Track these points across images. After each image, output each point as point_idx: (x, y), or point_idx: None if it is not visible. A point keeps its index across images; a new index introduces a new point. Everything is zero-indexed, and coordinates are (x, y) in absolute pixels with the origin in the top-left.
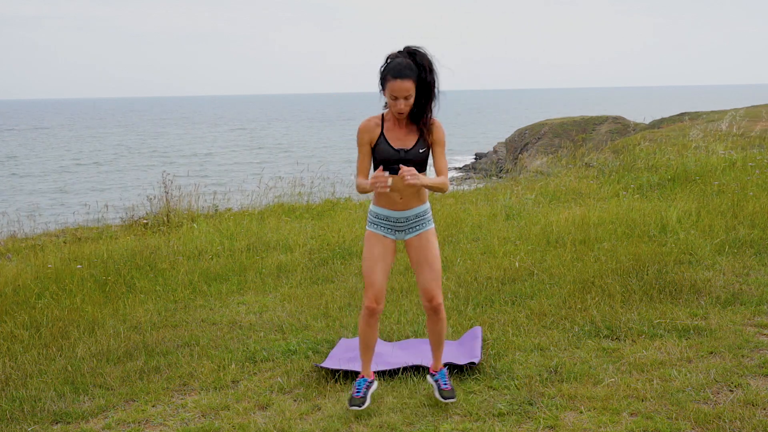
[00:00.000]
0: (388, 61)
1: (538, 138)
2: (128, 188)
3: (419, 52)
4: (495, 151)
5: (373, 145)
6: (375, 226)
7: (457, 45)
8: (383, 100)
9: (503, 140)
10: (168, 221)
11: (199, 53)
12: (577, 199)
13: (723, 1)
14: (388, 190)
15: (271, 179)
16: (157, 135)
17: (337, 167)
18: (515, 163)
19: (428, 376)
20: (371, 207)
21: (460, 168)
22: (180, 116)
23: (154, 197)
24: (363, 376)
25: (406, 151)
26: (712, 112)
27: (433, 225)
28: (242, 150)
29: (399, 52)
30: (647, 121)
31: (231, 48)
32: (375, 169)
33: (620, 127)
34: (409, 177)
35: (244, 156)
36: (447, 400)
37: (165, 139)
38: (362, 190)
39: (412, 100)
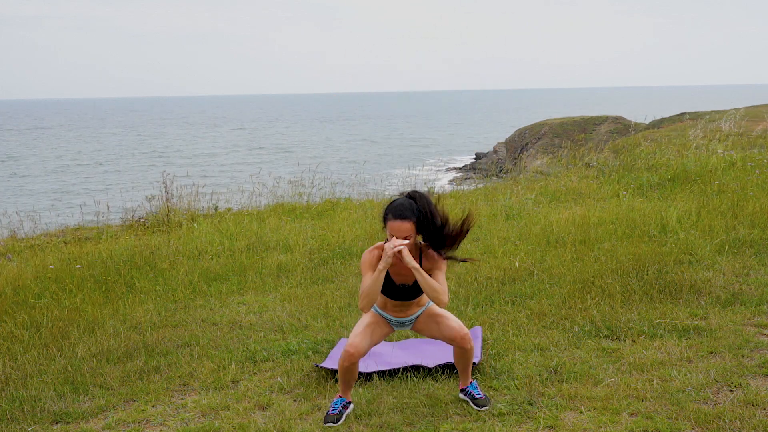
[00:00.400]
0: (392, 201)
1: (538, 138)
2: (128, 188)
3: (421, 197)
4: (495, 151)
5: None
6: (377, 312)
7: (457, 45)
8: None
9: (503, 140)
10: (168, 221)
11: (199, 53)
12: (577, 199)
13: (723, 1)
14: (401, 247)
15: (271, 179)
16: (157, 135)
17: (337, 167)
18: (515, 163)
19: (460, 394)
20: (375, 306)
21: (460, 168)
22: (180, 116)
23: (154, 197)
24: (341, 396)
25: (408, 287)
26: (712, 112)
27: (431, 303)
28: (242, 150)
29: (406, 194)
30: (647, 121)
31: (231, 48)
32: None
33: (620, 127)
34: (400, 249)
35: (244, 156)
36: (482, 408)
37: (165, 139)
38: (368, 291)
39: (412, 240)
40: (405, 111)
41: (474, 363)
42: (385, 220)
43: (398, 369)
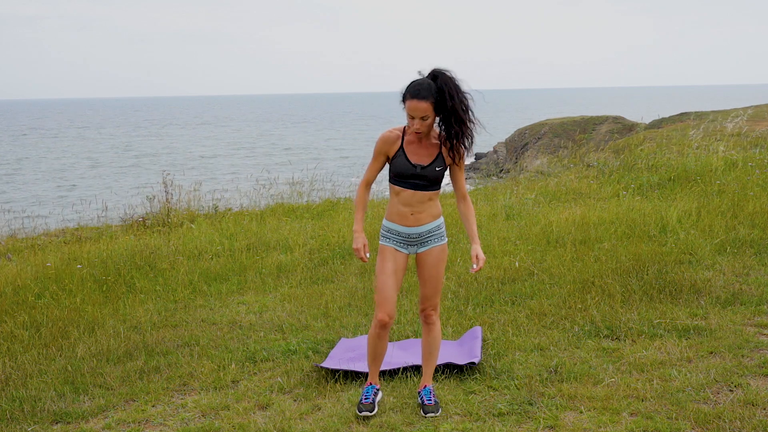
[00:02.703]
0: (413, 80)
1: (538, 138)
2: (128, 188)
3: (443, 75)
4: (495, 151)
5: (391, 157)
6: (387, 240)
7: (457, 45)
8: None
9: (503, 140)
10: (168, 221)
11: (199, 53)
12: (577, 199)
13: (723, 1)
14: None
15: (271, 179)
16: (158, 135)
17: (337, 167)
18: (515, 163)
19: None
20: (384, 221)
21: None
22: (180, 116)
23: (154, 197)
24: (371, 383)
25: (423, 167)
26: (713, 112)
27: (445, 240)
28: (242, 150)
29: (427, 74)
30: (647, 121)
31: (231, 48)
32: (391, 180)
33: (620, 127)
34: (477, 268)
35: (244, 156)
36: (427, 415)
37: (165, 139)
38: (356, 201)
39: (430, 121)
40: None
41: (474, 363)
42: (403, 99)
43: (398, 369)
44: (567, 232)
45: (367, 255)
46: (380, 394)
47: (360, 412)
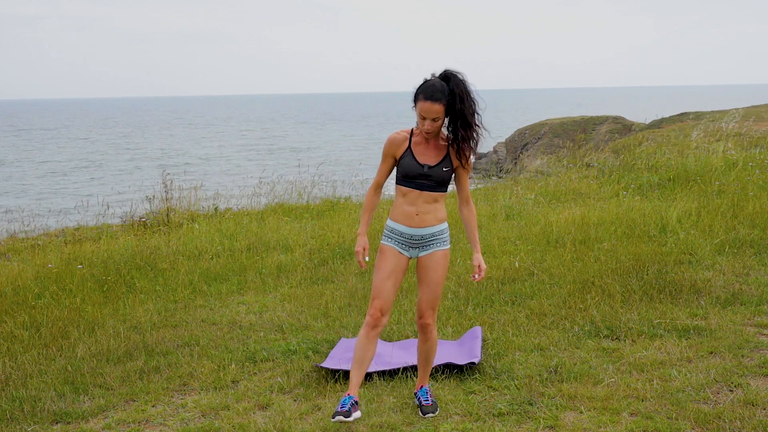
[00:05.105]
0: (425, 81)
1: (538, 138)
2: (129, 188)
3: (455, 77)
4: (495, 151)
5: (399, 158)
6: (389, 239)
7: (457, 45)
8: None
9: (503, 140)
10: (168, 221)
11: (199, 53)
12: (577, 199)
13: (723, 1)
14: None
15: (271, 179)
16: (159, 135)
17: (337, 167)
18: (515, 163)
19: (414, 398)
20: (388, 221)
21: None
22: (180, 117)
23: (154, 197)
24: (349, 394)
25: (430, 167)
26: (713, 112)
27: (448, 246)
28: (243, 150)
29: (439, 75)
30: (647, 121)
31: (231, 48)
32: (398, 181)
33: (620, 127)
34: (478, 278)
35: (244, 156)
36: (426, 415)
37: (166, 139)
38: (364, 204)
39: (440, 123)
40: (405, 111)
41: (474, 363)
42: (415, 99)
43: (398, 369)
44: (567, 232)
45: (366, 259)
46: (359, 412)
47: (333, 418)
